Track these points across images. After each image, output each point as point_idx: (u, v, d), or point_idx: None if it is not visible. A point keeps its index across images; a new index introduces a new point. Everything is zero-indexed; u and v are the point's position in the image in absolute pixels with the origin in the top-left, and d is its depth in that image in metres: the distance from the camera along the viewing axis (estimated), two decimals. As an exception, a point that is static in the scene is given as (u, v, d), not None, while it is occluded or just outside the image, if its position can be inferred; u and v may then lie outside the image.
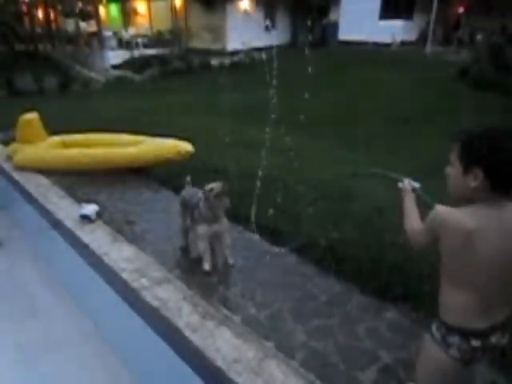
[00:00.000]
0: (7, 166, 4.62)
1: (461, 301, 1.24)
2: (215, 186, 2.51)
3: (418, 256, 2.45)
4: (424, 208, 1.43)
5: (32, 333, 2.34)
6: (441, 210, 1.23)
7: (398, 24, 17.96)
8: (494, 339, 1.26)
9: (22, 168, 4.47)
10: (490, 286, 1.21)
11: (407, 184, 1.52)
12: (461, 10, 17.62)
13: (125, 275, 2.59)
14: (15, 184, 4.24)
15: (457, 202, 1.25)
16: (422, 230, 1.33)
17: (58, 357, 2.19)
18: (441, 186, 1.32)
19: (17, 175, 4.37)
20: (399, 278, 2.38)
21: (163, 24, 21.19)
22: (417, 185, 1.56)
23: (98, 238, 3.05)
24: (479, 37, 15.48)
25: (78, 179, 4.25)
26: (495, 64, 10.12)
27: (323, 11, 20.38)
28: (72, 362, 2.16)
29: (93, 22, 22.03)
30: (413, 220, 1.40)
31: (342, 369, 1.92)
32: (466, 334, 1.25)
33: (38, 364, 2.15)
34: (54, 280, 2.76)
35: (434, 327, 1.35)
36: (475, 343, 1.25)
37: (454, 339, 1.27)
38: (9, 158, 4.74)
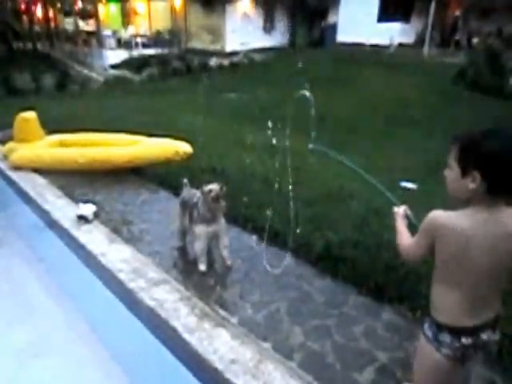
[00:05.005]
0: (4, 166, 4.59)
1: (450, 300, 1.27)
2: (213, 188, 2.51)
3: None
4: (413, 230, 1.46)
5: (29, 333, 2.33)
6: (438, 214, 1.24)
7: (395, 26, 18.08)
8: (484, 336, 1.28)
9: (18, 167, 4.44)
10: (480, 286, 1.24)
11: (402, 209, 1.57)
12: (458, 13, 17.73)
13: (122, 276, 2.58)
14: (12, 183, 4.22)
15: (452, 203, 1.27)
16: (416, 240, 1.35)
17: (55, 357, 2.18)
18: (438, 182, 1.33)
19: (13, 175, 4.34)
20: (396, 279, 2.39)
21: (163, 24, 21.17)
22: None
23: (95, 239, 3.04)
24: (476, 40, 15.58)
25: (75, 179, 4.23)
26: (491, 66, 10.19)
27: (322, 13, 20.44)
28: (68, 362, 2.15)
29: (92, 22, 21.99)
30: (404, 237, 1.44)
31: (339, 369, 1.92)
32: (456, 332, 1.28)
33: (34, 364, 2.14)
34: (51, 280, 2.75)
35: (425, 326, 1.37)
36: (466, 341, 1.27)
37: (445, 337, 1.29)
38: (5, 157, 4.72)
